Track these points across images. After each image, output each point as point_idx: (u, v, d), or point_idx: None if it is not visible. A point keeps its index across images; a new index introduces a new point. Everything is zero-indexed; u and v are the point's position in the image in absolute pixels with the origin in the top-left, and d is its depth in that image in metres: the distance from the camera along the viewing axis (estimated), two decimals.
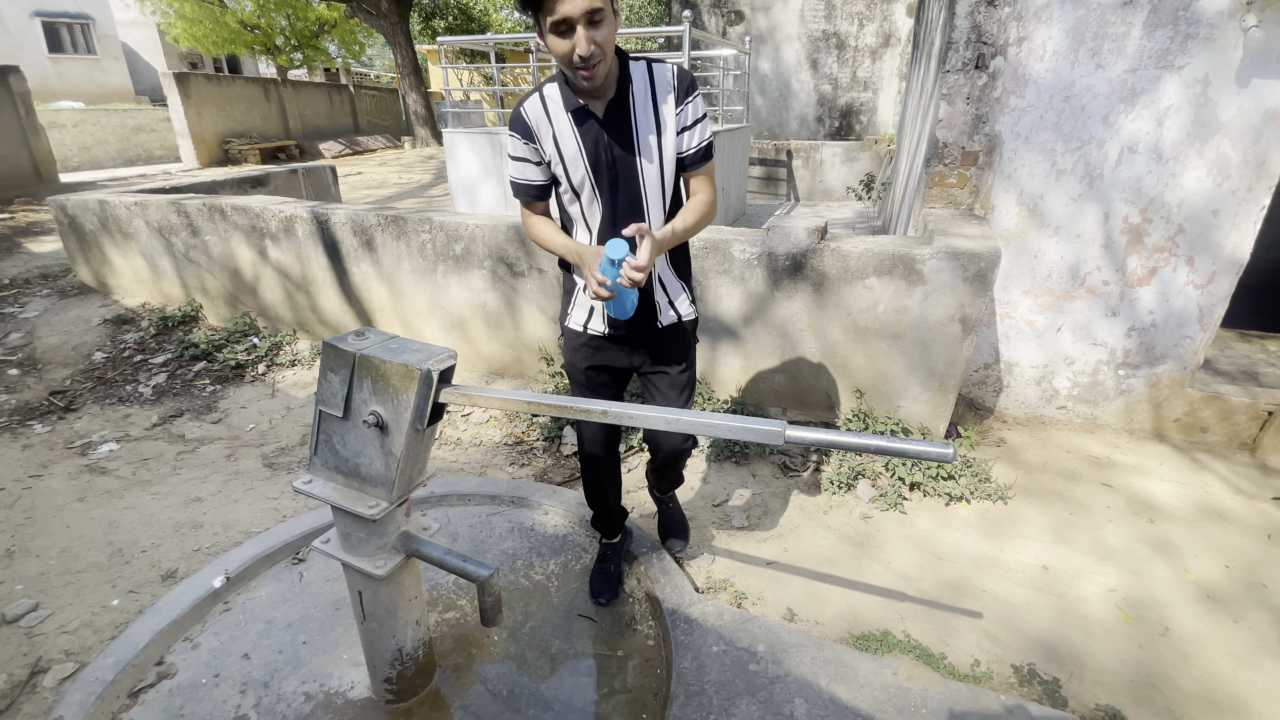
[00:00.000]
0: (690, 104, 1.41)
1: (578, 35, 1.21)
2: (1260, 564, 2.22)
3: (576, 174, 1.45)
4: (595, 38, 1.23)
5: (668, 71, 1.41)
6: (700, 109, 1.43)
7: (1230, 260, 2.67)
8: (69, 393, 3.26)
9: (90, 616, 1.86)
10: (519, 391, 1.18)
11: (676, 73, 1.41)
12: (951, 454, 0.96)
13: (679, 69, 1.41)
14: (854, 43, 9.45)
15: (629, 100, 1.39)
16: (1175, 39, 2.46)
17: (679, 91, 1.40)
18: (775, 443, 1.02)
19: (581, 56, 1.23)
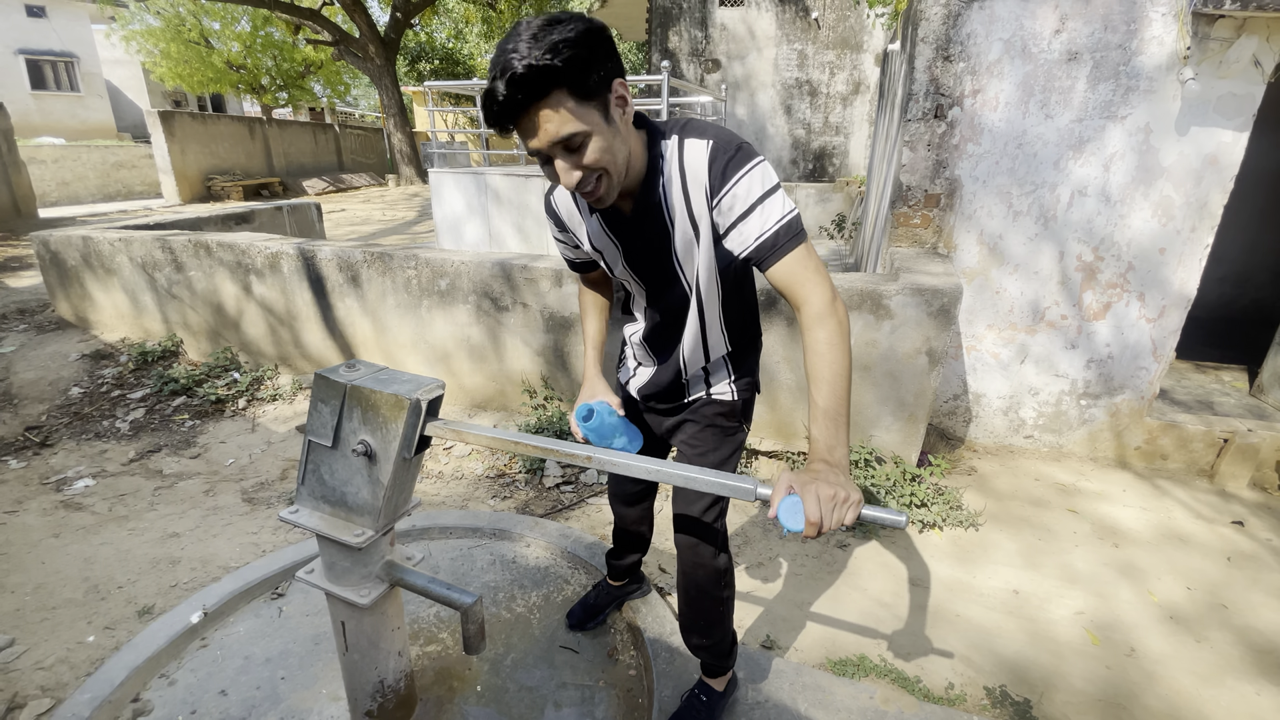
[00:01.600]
0: (733, 189, 1.06)
1: (557, 165, 1.02)
2: (1221, 586, 2.31)
3: (616, 269, 1.31)
4: (581, 163, 1.01)
5: (700, 154, 1.09)
6: (755, 187, 1.06)
7: (1179, 295, 2.83)
8: (45, 428, 3.22)
9: (66, 653, 1.83)
10: (504, 431, 1.21)
11: (709, 155, 1.07)
12: (904, 521, 0.89)
13: (714, 148, 1.07)
14: (826, 90, 9.87)
15: (659, 192, 1.14)
16: (1118, 91, 2.65)
17: (712, 180, 1.08)
18: (746, 499, 0.97)
19: (568, 187, 1.05)
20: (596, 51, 0.95)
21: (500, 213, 6.29)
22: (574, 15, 0.97)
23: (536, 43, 0.91)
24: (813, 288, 1.05)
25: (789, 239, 1.06)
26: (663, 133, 1.13)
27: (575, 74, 0.93)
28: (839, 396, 1.01)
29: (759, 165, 1.06)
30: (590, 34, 0.95)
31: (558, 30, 0.92)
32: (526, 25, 0.94)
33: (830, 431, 1.00)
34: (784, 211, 1.06)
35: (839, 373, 1.02)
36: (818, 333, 1.03)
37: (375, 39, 14.62)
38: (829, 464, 0.97)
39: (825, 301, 1.04)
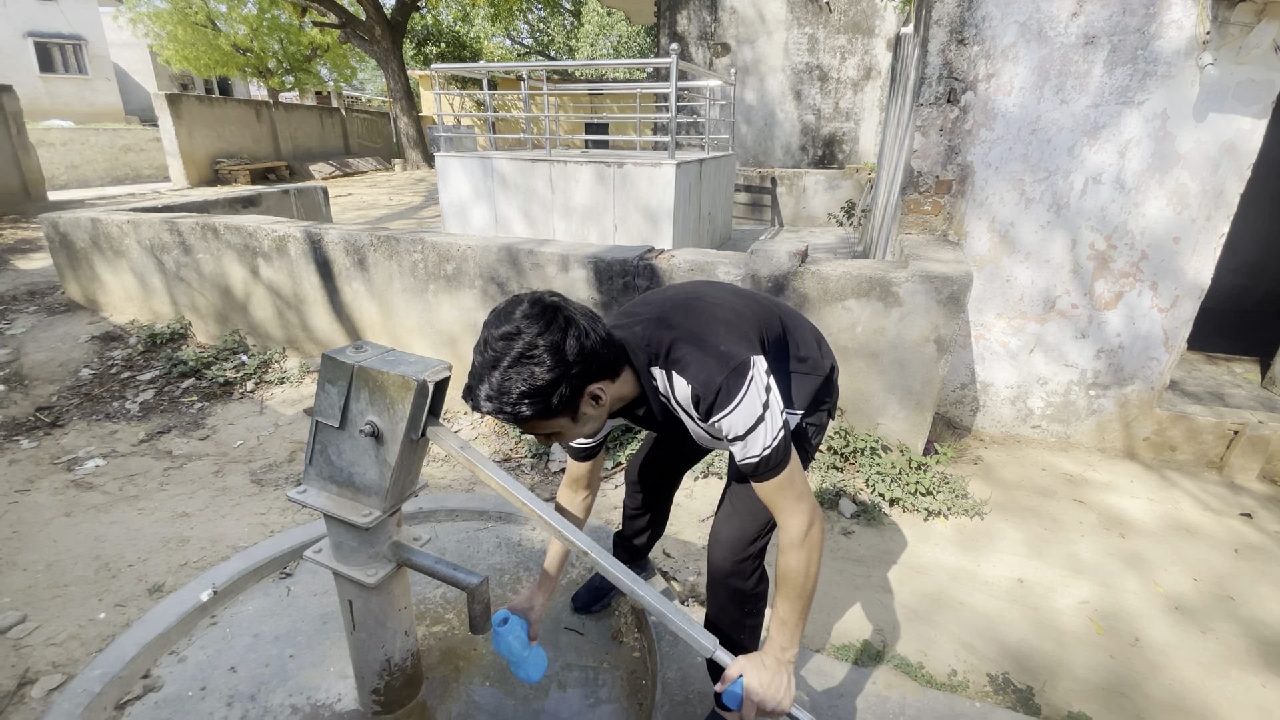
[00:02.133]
0: (719, 424, 1.12)
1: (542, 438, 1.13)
2: (1227, 577, 2.30)
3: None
4: (549, 442, 1.16)
5: (685, 394, 1.14)
6: (737, 425, 1.09)
7: (1192, 285, 2.80)
8: (55, 409, 3.25)
9: (77, 629, 1.86)
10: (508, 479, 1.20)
11: (693, 399, 1.13)
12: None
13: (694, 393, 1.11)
14: (836, 75, 9.75)
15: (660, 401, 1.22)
16: (1135, 76, 2.60)
17: (701, 415, 1.15)
18: (703, 654, 1.15)
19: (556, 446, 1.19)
20: (560, 383, 0.99)
21: (507, 197, 6.26)
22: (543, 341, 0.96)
23: (500, 396, 0.97)
24: (788, 517, 1.13)
25: (766, 471, 1.12)
26: (650, 358, 1.16)
27: (538, 414, 1.01)
28: (799, 611, 1.15)
29: (740, 405, 1.08)
30: (555, 371, 0.97)
31: (517, 379, 0.96)
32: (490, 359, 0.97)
33: (786, 636, 1.16)
34: (764, 447, 1.10)
35: (801, 593, 1.14)
36: (789, 557, 1.14)
37: (382, 21, 14.52)
38: (779, 663, 1.14)
39: (799, 532, 1.12)
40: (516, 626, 1.41)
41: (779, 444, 1.11)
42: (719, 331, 1.15)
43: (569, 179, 5.91)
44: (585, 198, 5.91)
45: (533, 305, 0.99)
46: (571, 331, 0.98)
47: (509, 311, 0.99)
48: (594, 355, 1.01)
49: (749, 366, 1.10)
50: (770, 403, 1.11)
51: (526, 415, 0.99)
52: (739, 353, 1.12)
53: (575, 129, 16.70)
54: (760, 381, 1.11)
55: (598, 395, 1.07)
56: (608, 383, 1.09)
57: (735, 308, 1.25)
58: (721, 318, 1.19)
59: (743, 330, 1.19)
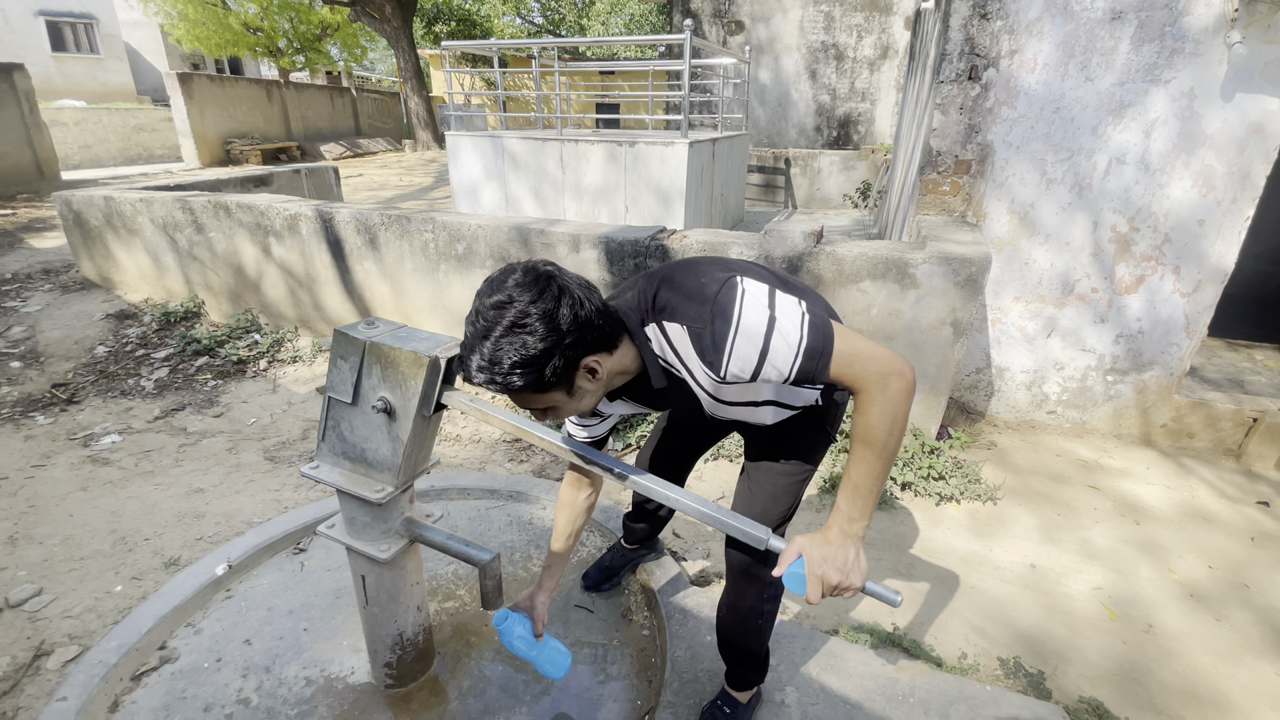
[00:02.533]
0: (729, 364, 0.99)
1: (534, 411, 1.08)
2: (1243, 565, 2.27)
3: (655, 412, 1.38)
4: (544, 416, 1.08)
5: (685, 342, 1.03)
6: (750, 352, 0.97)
7: (1216, 269, 2.74)
8: (71, 385, 3.28)
9: (94, 602, 1.89)
10: (521, 419, 1.21)
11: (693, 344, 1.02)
12: (898, 600, 0.97)
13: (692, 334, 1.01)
14: (852, 54, 9.57)
15: (664, 368, 1.11)
16: (1162, 54, 2.53)
17: (709, 365, 1.01)
18: (757, 546, 1.05)
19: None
20: (554, 353, 0.94)
21: (517, 177, 6.22)
22: (535, 310, 0.92)
23: (492, 366, 0.93)
24: (857, 377, 0.97)
25: (823, 364, 0.96)
26: (641, 319, 1.07)
27: (530, 386, 0.95)
28: (874, 475, 1.00)
29: (740, 321, 0.97)
30: (549, 340, 0.93)
31: (509, 348, 0.92)
32: (482, 328, 0.93)
33: (857, 505, 1.01)
34: (795, 351, 0.96)
35: (879, 454, 0.98)
36: (864, 416, 0.97)
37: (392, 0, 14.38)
38: (846, 536, 1.00)
39: (874, 383, 0.96)
40: (517, 623, 1.40)
41: (809, 332, 0.96)
42: (702, 269, 1.07)
43: (580, 158, 5.86)
44: (596, 177, 5.86)
45: (525, 274, 0.95)
46: (565, 300, 0.94)
47: (501, 280, 0.95)
48: (588, 325, 0.97)
49: (736, 283, 1.00)
50: (776, 300, 0.99)
51: (518, 385, 0.95)
52: (721, 275, 1.03)
53: (586, 108, 16.55)
54: (756, 290, 1.00)
55: (594, 368, 1.01)
56: (604, 355, 1.03)
57: (731, 263, 1.15)
58: (708, 262, 1.11)
59: (732, 267, 1.09)
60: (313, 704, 1.56)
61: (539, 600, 1.48)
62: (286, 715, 1.53)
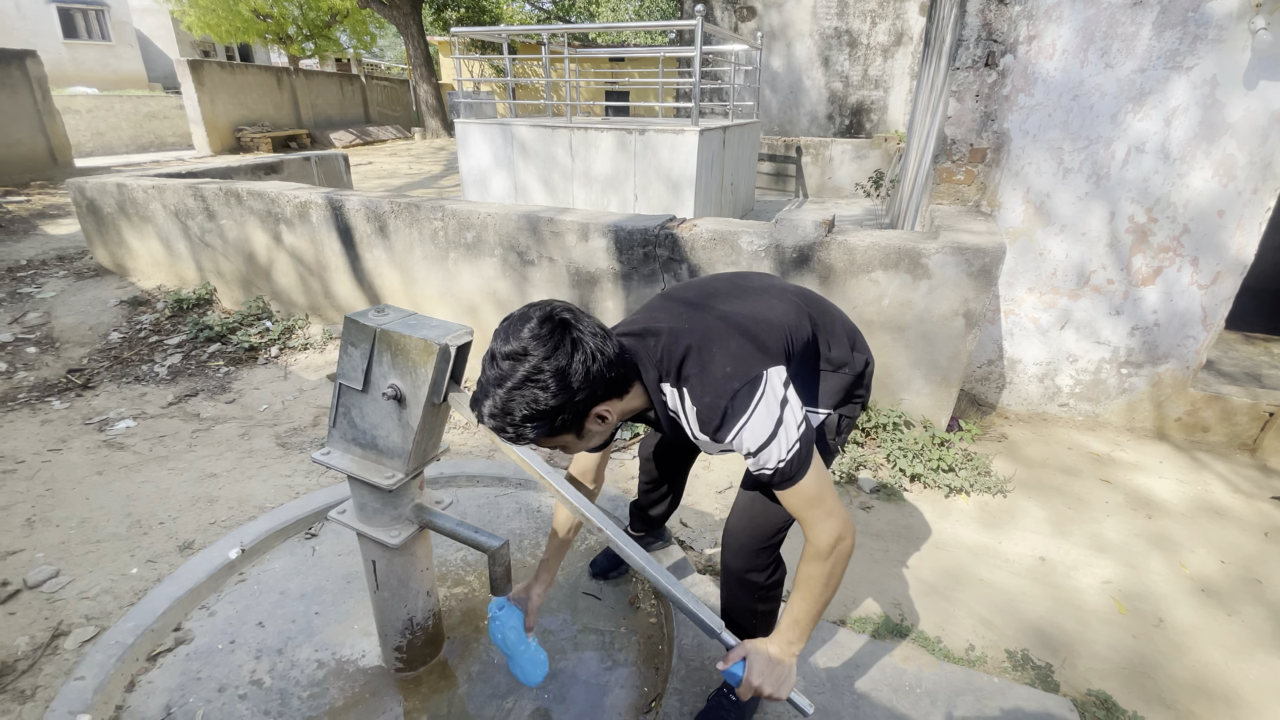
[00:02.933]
0: (730, 443, 1.09)
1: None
2: (1256, 560, 2.25)
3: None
4: (561, 451, 1.14)
5: (693, 415, 1.10)
6: (749, 440, 1.05)
7: (1235, 261, 2.69)
8: (86, 371, 3.32)
9: (110, 584, 1.92)
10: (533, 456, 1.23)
11: (700, 420, 1.09)
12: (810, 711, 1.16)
13: (700, 416, 1.08)
14: (866, 40, 9.44)
15: (670, 416, 1.17)
16: (1184, 40, 2.47)
17: (712, 437, 1.10)
18: (710, 636, 1.22)
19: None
20: (564, 409, 0.97)
21: (527, 165, 6.21)
22: (548, 366, 0.94)
23: (504, 415, 0.96)
24: (812, 528, 1.10)
25: (783, 482, 1.08)
26: (660, 374, 1.12)
27: (540, 436, 1.01)
28: (812, 614, 1.15)
29: (749, 421, 1.05)
30: (560, 398, 0.95)
31: (520, 401, 0.95)
32: (495, 376, 0.96)
33: (795, 633, 1.16)
34: (778, 460, 1.06)
35: (820, 600, 1.13)
36: (812, 566, 1.11)
37: None
38: (784, 654, 1.17)
39: (825, 544, 1.09)
40: (511, 614, 1.40)
41: (794, 457, 1.06)
42: (731, 345, 1.09)
43: (589, 146, 5.83)
44: (606, 165, 5.84)
45: (542, 324, 0.96)
46: (578, 356, 0.95)
47: (518, 328, 0.96)
48: (600, 379, 0.99)
49: (760, 381, 1.06)
50: (785, 417, 1.06)
51: (529, 437, 0.99)
52: (749, 368, 1.07)
53: (596, 95, 16.43)
54: (774, 394, 1.06)
55: (604, 415, 1.06)
56: (615, 401, 1.07)
57: (759, 314, 1.18)
58: (740, 326, 1.13)
59: (762, 341, 1.12)
60: (324, 686, 1.58)
61: (534, 593, 1.48)
62: (299, 697, 1.55)
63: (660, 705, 1.53)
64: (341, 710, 1.52)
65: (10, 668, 1.63)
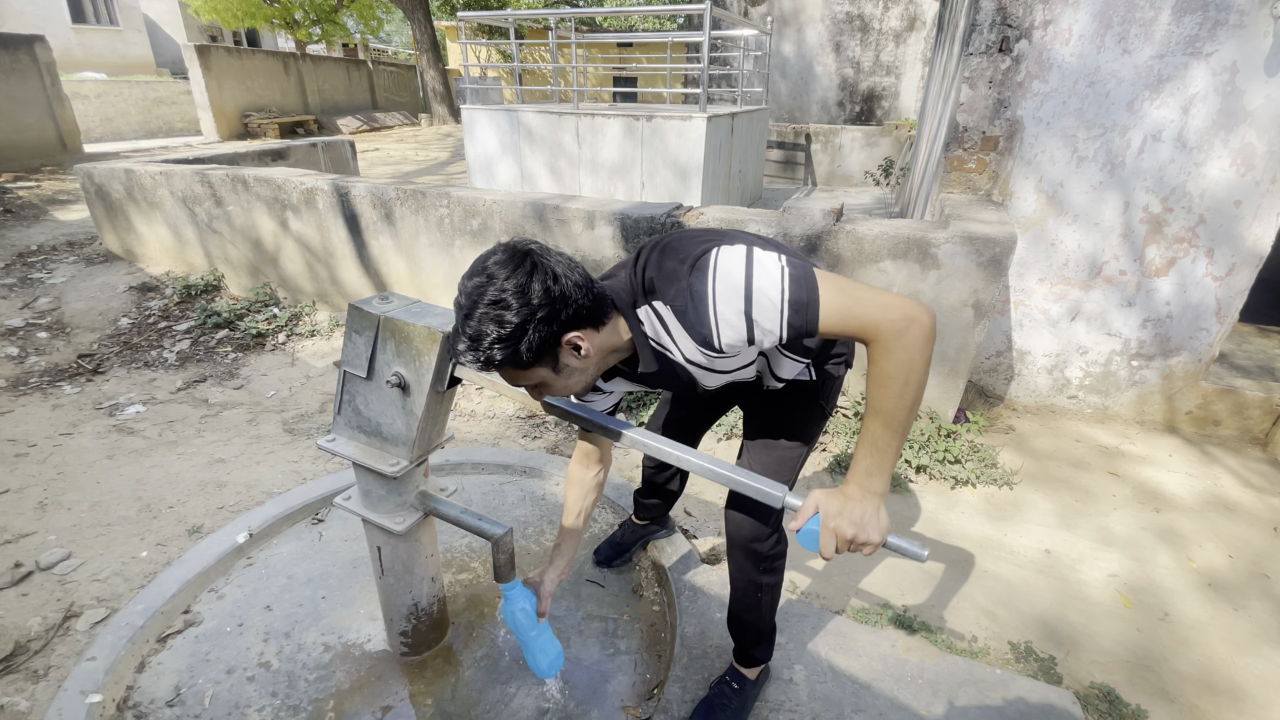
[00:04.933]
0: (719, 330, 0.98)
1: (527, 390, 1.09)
2: (1265, 555, 2.24)
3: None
4: (535, 395, 1.10)
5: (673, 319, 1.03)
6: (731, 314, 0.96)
7: (1251, 253, 2.65)
8: (96, 356, 3.35)
9: (120, 566, 1.94)
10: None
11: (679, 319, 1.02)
12: (924, 555, 0.94)
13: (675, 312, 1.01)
14: (878, 26, 9.30)
15: (658, 353, 1.11)
16: (1204, 25, 2.42)
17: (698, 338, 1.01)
18: (773, 505, 1.05)
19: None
20: (528, 326, 0.94)
21: (533, 151, 6.17)
22: (509, 285, 0.92)
23: (474, 343, 0.95)
24: (865, 327, 0.91)
25: (809, 322, 0.93)
26: (633, 299, 1.06)
27: (512, 362, 0.96)
28: (893, 428, 0.93)
29: (716, 296, 0.95)
30: (521, 314, 0.93)
31: (487, 324, 0.93)
32: (465, 305, 0.95)
33: (874, 460, 0.96)
34: (778, 305, 0.93)
35: (898, 404, 0.91)
36: (880, 364, 0.91)
37: None
38: (865, 491, 0.96)
39: (886, 331, 0.90)
40: (522, 597, 1.40)
41: (791, 285, 0.92)
42: (682, 245, 1.04)
43: (596, 133, 5.79)
44: (613, 152, 5.80)
45: (504, 251, 0.96)
46: (537, 275, 0.94)
47: (483, 260, 0.96)
48: (563, 299, 0.95)
49: (711, 250, 0.98)
50: (754, 261, 0.95)
51: (499, 360, 0.96)
52: (700, 245, 1.00)
53: (603, 81, 16.30)
54: (731, 256, 0.96)
55: (577, 344, 1.00)
56: (590, 331, 1.02)
57: (713, 232, 1.12)
58: (690, 236, 1.07)
59: (713, 236, 1.05)
60: (330, 669, 1.60)
61: (548, 578, 1.48)
62: (306, 679, 1.57)
63: (662, 692, 1.54)
64: (348, 693, 1.54)
65: (23, 648, 1.66)
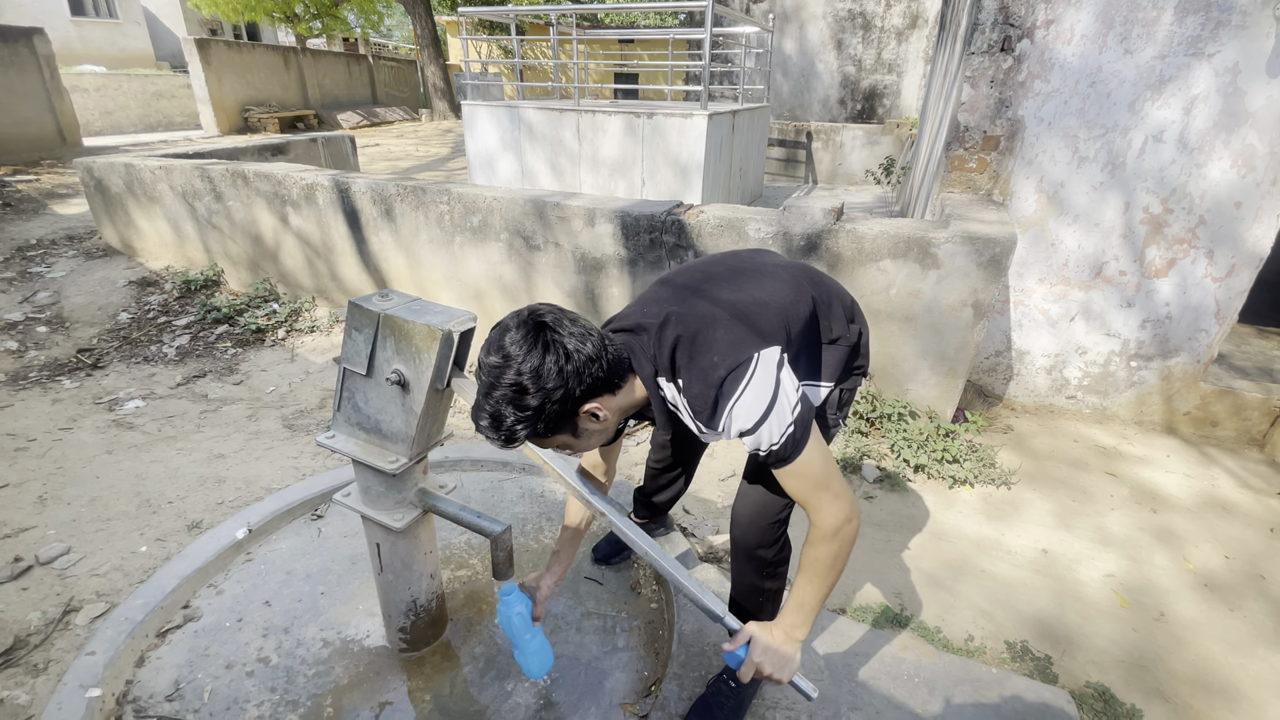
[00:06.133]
0: (725, 428, 1.08)
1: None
2: (1261, 556, 2.24)
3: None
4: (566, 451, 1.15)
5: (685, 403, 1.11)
6: (744, 419, 1.05)
7: (1251, 254, 2.65)
8: (96, 351, 3.35)
9: (120, 561, 1.95)
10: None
11: (694, 408, 1.10)
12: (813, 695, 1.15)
13: (693, 402, 1.09)
14: (880, 23, 9.28)
15: (669, 410, 1.18)
16: (1207, 25, 2.42)
17: (705, 424, 1.11)
18: (715, 621, 1.19)
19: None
20: (544, 408, 0.99)
21: (534, 148, 6.16)
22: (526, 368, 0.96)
23: (496, 426, 1.00)
24: (816, 511, 1.10)
25: (778, 462, 1.08)
26: (655, 369, 1.12)
27: (532, 436, 1.03)
28: (818, 597, 1.14)
29: (738, 403, 1.05)
30: (539, 397, 0.98)
31: (506, 406, 0.98)
32: (484, 383, 1.00)
33: (800, 616, 1.16)
34: (770, 442, 1.06)
35: (824, 582, 1.13)
36: (817, 549, 1.11)
37: None
38: (789, 639, 1.16)
39: (829, 526, 1.09)
40: (519, 601, 1.40)
41: (788, 439, 1.05)
42: (720, 333, 1.08)
43: (597, 130, 5.78)
44: (614, 150, 5.79)
45: (519, 329, 0.99)
46: (550, 355, 0.97)
47: (499, 336, 1.00)
48: (577, 376, 0.99)
49: (749, 364, 1.04)
50: (778, 396, 1.05)
51: (522, 436, 1.01)
52: (739, 353, 1.05)
53: (604, 78, 16.27)
54: (765, 374, 1.05)
55: (595, 413, 1.05)
56: (607, 397, 1.07)
57: (755, 297, 1.16)
58: (733, 311, 1.12)
59: (755, 324, 1.10)
60: (330, 664, 1.61)
61: (545, 583, 1.48)
62: (305, 675, 1.58)
63: (660, 690, 1.54)
64: (346, 688, 1.55)
65: (23, 642, 1.66)
